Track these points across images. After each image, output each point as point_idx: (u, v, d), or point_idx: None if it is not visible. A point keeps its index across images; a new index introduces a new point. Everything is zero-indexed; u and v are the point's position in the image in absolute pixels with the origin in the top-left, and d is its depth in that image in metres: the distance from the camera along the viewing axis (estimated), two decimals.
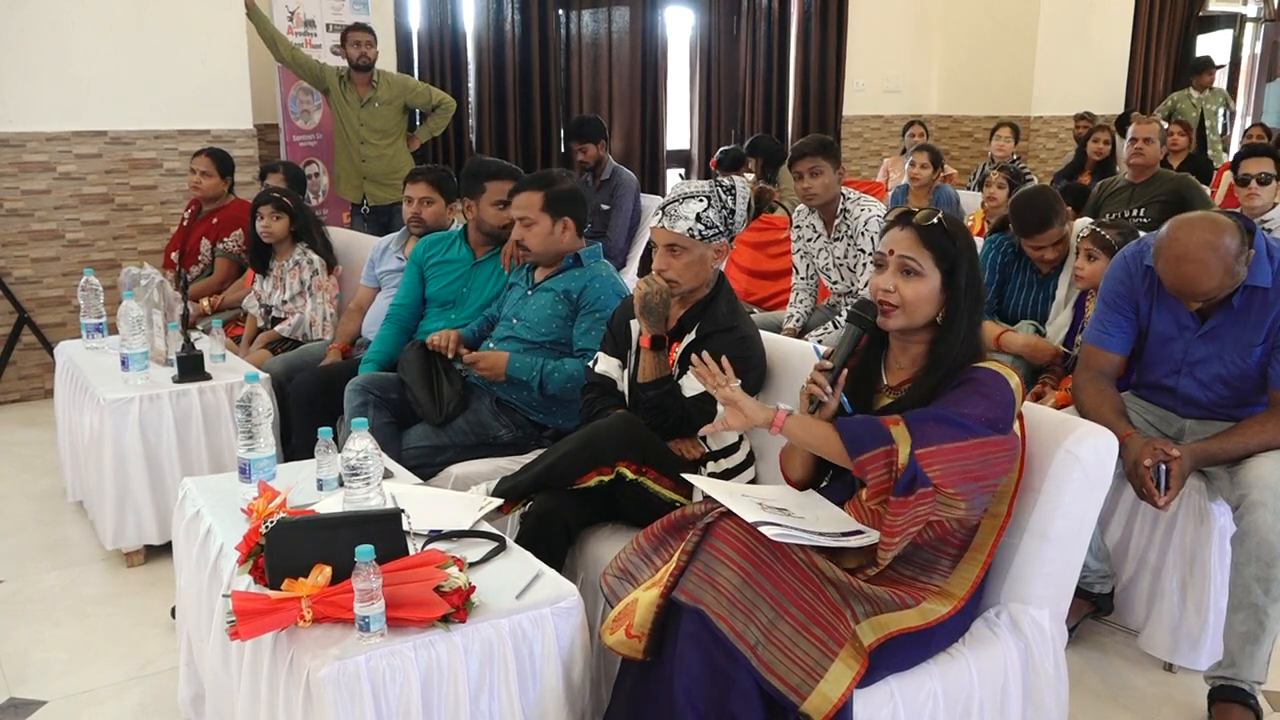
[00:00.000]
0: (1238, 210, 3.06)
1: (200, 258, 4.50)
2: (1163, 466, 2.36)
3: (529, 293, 3.04)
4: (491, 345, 3.08)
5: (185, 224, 4.66)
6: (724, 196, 2.46)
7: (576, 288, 2.93)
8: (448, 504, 2.21)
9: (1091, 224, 3.05)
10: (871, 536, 1.81)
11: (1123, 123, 7.01)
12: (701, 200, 2.44)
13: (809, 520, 1.82)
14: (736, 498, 1.86)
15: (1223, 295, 2.39)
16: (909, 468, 1.76)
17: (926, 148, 5.72)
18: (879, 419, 1.81)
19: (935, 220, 1.91)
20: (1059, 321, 3.12)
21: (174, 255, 4.59)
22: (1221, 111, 8.37)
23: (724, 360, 2.02)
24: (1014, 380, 1.87)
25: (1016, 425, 1.88)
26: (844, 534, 1.81)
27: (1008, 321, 3.24)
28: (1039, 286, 3.19)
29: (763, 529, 1.73)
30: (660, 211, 2.46)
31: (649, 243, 5.44)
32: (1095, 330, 2.63)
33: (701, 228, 2.42)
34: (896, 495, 1.77)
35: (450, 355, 3.03)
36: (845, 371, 1.94)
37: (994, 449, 1.81)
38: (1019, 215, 3.13)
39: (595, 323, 2.89)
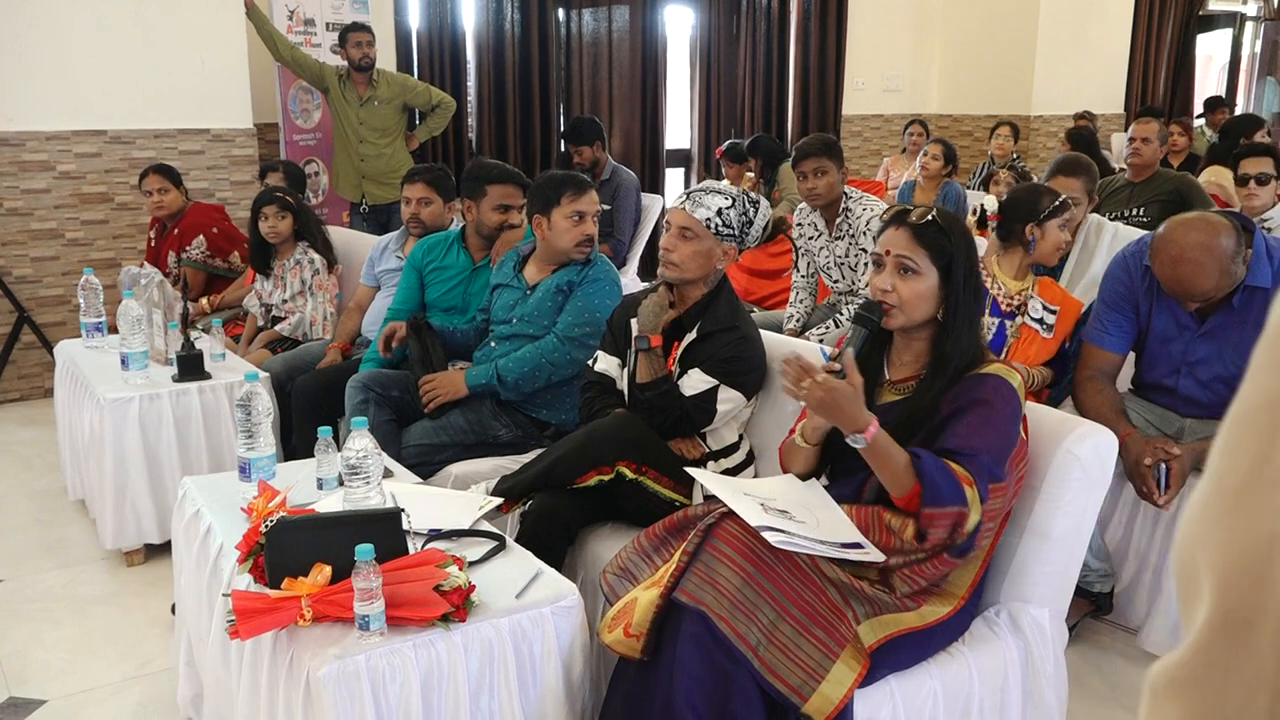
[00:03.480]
0: (1235, 210, 3.06)
1: (169, 272, 4.39)
2: (1163, 465, 2.36)
3: (527, 293, 3.05)
4: (493, 345, 3.07)
5: (153, 244, 4.62)
6: (748, 206, 2.49)
7: (576, 279, 2.95)
8: (447, 503, 2.21)
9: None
10: (873, 554, 1.81)
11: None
12: (727, 199, 2.47)
13: (810, 524, 1.82)
14: (739, 496, 1.86)
15: (1221, 295, 2.38)
16: (972, 536, 1.77)
17: (941, 141, 5.70)
18: (953, 471, 1.76)
19: (930, 218, 1.91)
20: None
21: None
22: None
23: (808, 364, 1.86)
24: (1016, 380, 1.88)
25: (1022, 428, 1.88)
26: (845, 544, 1.81)
27: None
28: None
29: (766, 534, 1.73)
30: (685, 196, 2.49)
31: (657, 226, 5.43)
32: (1094, 329, 2.63)
33: (720, 223, 2.44)
34: (952, 556, 1.80)
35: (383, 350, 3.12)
36: None
37: (1011, 490, 1.86)
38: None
39: (574, 300, 2.91)
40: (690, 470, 2.13)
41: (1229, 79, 10.52)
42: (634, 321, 2.54)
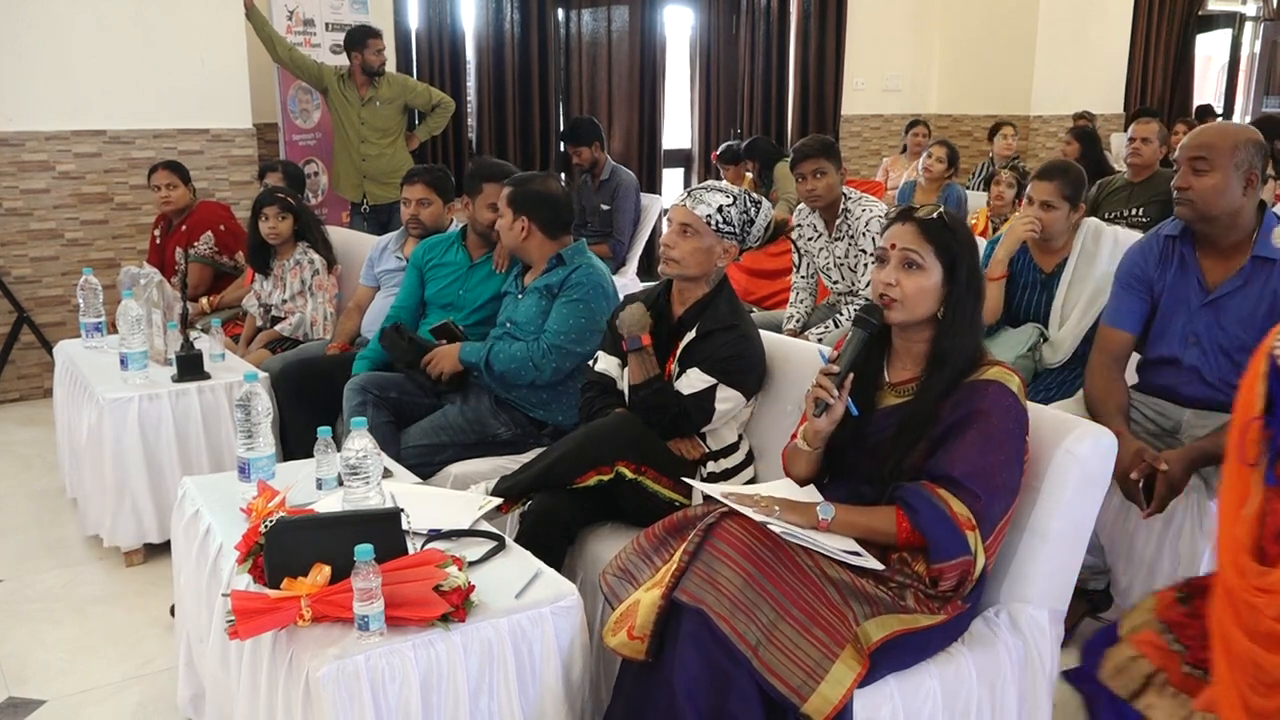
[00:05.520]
0: None
1: (176, 267, 4.37)
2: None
3: (519, 296, 3.07)
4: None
5: (158, 241, 4.63)
6: (749, 205, 2.50)
7: (557, 281, 2.97)
8: (447, 503, 2.21)
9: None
10: (870, 562, 1.81)
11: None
12: (729, 197, 2.49)
13: (811, 532, 1.83)
14: (738, 498, 1.86)
15: (1222, 212, 2.42)
16: (980, 582, 1.83)
17: (944, 143, 5.69)
18: (951, 514, 1.77)
19: (937, 215, 1.93)
20: (1066, 330, 3.07)
21: None
22: None
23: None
24: (1015, 383, 1.88)
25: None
26: (846, 550, 1.81)
27: (1014, 323, 3.22)
28: (1043, 287, 3.17)
29: (770, 526, 1.75)
30: (687, 193, 2.51)
31: (656, 226, 5.45)
32: (1110, 310, 2.69)
33: (720, 219, 2.45)
34: (963, 602, 1.85)
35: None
36: (851, 375, 1.94)
37: (1013, 510, 1.88)
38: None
39: (561, 306, 2.93)
40: (687, 481, 2.14)
41: (1228, 79, 10.52)
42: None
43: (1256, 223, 2.46)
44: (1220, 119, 8.63)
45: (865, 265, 3.68)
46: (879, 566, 1.81)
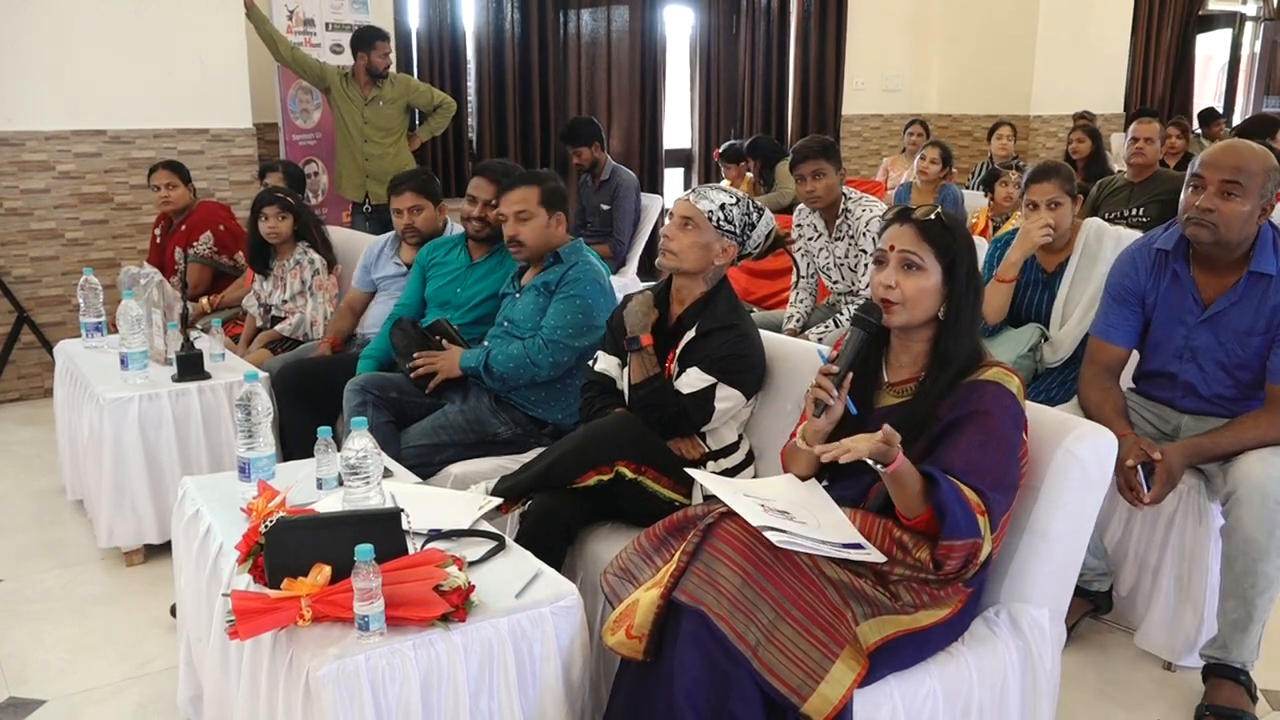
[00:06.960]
0: None
1: (176, 267, 4.36)
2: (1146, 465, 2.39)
3: (517, 295, 3.08)
4: (486, 344, 3.10)
5: (158, 241, 4.63)
6: (751, 210, 2.53)
7: (555, 278, 2.99)
8: (447, 503, 2.21)
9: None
10: (873, 555, 1.81)
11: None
12: (732, 198, 2.51)
13: (811, 525, 1.82)
14: (739, 497, 1.86)
15: (1235, 234, 2.38)
16: (984, 567, 1.84)
17: (938, 144, 5.69)
18: (967, 499, 1.77)
19: (934, 216, 1.92)
20: (1066, 330, 3.07)
21: None
22: None
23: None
24: (1015, 384, 1.88)
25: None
26: (846, 545, 1.81)
27: (1015, 323, 3.22)
28: (1045, 287, 3.18)
29: (767, 534, 1.74)
30: (692, 191, 2.54)
31: (657, 226, 5.48)
32: (1100, 323, 2.67)
33: (722, 217, 2.47)
34: (965, 586, 1.85)
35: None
36: (850, 375, 1.94)
37: (1011, 510, 1.88)
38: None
39: (558, 302, 2.95)
40: (690, 471, 2.14)
41: (1228, 79, 10.52)
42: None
43: (1253, 237, 2.45)
44: (1224, 122, 8.64)
45: (865, 265, 3.68)
46: (881, 559, 1.81)
